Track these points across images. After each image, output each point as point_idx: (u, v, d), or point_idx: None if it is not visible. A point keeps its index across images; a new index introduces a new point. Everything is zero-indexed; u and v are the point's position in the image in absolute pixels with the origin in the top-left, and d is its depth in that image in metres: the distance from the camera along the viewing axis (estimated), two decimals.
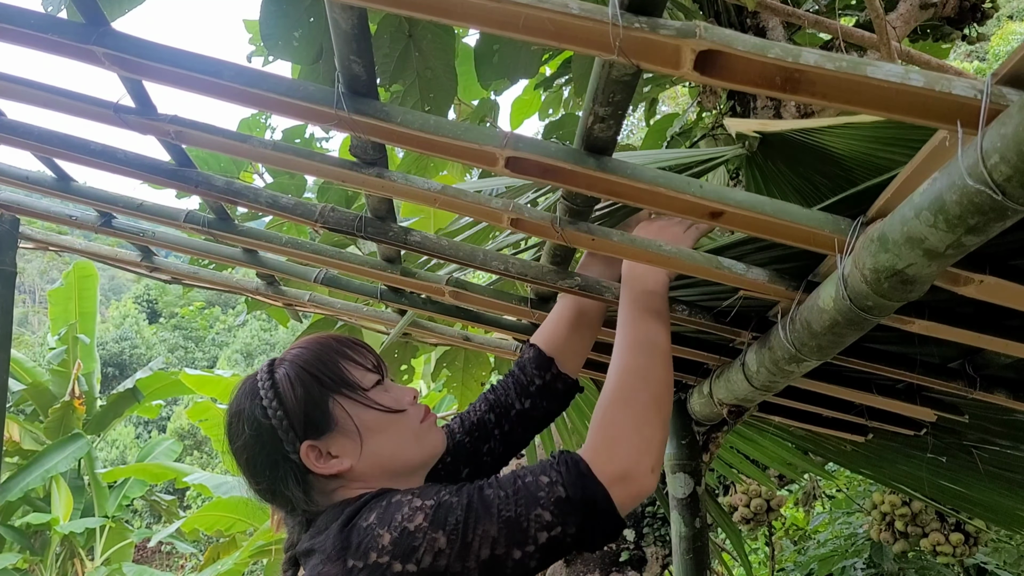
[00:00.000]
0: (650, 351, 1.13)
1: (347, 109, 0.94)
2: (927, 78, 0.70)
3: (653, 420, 1.05)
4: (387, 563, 0.89)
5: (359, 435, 1.09)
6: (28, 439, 11.38)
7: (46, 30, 0.92)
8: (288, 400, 1.07)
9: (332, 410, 1.09)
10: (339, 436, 1.08)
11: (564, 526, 0.94)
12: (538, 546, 0.92)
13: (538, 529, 0.92)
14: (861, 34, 3.17)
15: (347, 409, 1.10)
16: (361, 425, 1.10)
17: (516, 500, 0.94)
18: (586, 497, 0.95)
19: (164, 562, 18.82)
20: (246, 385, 1.12)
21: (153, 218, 1.57)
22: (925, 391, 1.54)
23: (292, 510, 1.09)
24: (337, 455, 1.08)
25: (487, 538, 0.91)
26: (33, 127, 1.27)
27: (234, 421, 1.10)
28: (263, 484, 1.09)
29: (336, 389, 1.10)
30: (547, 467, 0.98)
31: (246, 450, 1.08)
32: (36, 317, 32.90)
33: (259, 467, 1.08)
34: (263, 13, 2.19)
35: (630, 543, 4.08)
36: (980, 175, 0.67)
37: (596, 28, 0.72)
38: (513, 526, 0.92)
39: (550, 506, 0.94)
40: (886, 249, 0.84)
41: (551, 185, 1.07)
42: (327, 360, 1.12)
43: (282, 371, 1.10)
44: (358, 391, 1.12)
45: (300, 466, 1.06)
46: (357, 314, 2.15)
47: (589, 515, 0.95)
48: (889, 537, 3.85)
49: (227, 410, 1.13)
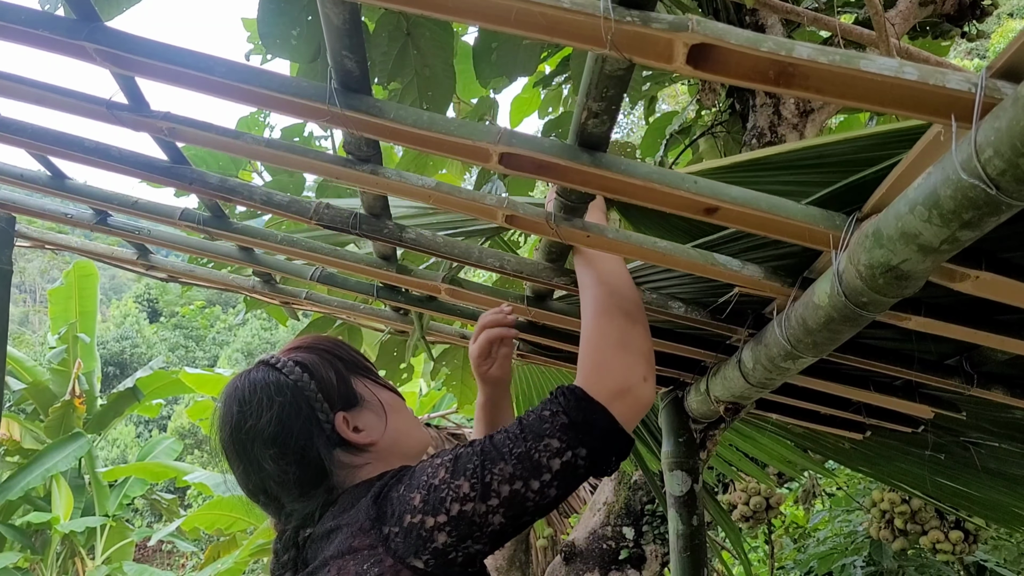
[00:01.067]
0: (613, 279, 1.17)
1: (339, 105, 0.93)
2: (921, 72, 0.69)
3: (633, 333, 1.09)
4: (420, 521, 0.92)
5: (384, 411, 1.15)
6: (29, 438, 11.38)
7: (37, 26, 0.91)
8: (320, 373, 1.12)
9: (357, 387, 1.15)
10: (366, 411, 1.14)
11: (574, 450, 0.97)
12: (553, 473, 0.95)
13: (550, 457, 0.96)
14: (860, 31, 3.17)
15: (370, 388, 1.17)
16: (384, 402, 1.17)
17: (524, 437, 0.97)
18: (588, 418, 0.99)
19: (165, 561, 18.83)
20: (258, 370, 1.12)
21: (149, 216, 1.57)
22: (922, 388, 1.54)
23: (311, 488, 1.07)
24: (364, 429, 1.12)
25: (504, 475, 0.94)
26: (27, 124, 1.26)
27: (254, 400, 1.08)
28: (291, 458, 1.06)
29: (356, 371, 1.17)
30: (547, 403, 1.01)
31: (275, 422, 1.06)
32: (37, 316, 32.92)
33: (292, 438, 1.06)
34: (261, 11, 2.18)
35: (629, 541, 4.08)
36: (974, 169, 0.66)
37: (588, 22, 0.72)
38: (525, 460, 0.95)
39: (556, 433, 0.97)
40: (881, 245, 0.83)
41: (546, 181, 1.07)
42: (344, 348, 1.20)
43: (300, 355, 1.14)
44: (374, 374, 1.20)
45: (332, 436, 1.08)
46: (354, 311, 2.15)
47: (596, 436, 0.99)
48: (889, 535, 3.85)
49: (235, 396, 1.10)
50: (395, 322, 2.19)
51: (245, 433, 1.07)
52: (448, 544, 0.92)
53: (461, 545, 0.92)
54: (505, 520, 0.94)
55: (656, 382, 1.80)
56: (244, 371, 1.14)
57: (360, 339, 3.68)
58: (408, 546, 0.91)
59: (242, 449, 1.08)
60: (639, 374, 1.05)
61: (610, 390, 1.02)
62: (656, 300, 1.36)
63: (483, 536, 0.93)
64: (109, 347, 25.31)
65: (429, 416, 7.94)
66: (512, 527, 0.95)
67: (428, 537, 0.91)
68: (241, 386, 1.11)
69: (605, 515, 4.08)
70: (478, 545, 0.93)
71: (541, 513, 0.97)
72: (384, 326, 2.52)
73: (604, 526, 4.05)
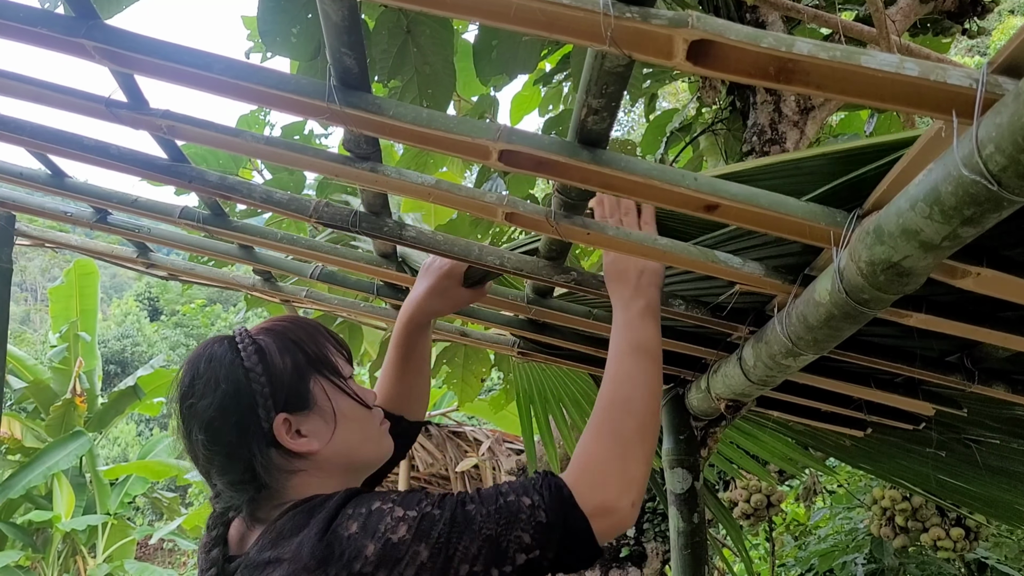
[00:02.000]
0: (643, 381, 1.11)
1: (339, 102, 0.93)
2: (922, 67, 0.69)
3: (638, 455, 1.04)
4: (370, 572, 0.88)
5: (334, 420, 1.07)
6: (30, 437, 11.39)
7: (35, 23, 0.91)
8: (274, 366, 1.04)
9: (312, 389, 1.07)
10: (315, 416, 1.06)
11: (543, 550, 0.94)
12: (515, 567, 0.92)
13: (517, 550, 0.92)
14: (861, 28, 3.16)
15: (327, 391, 1.08)
16: (338, 410, 1.08)
17: (498, 519, 0.93)
18: (567, 525, 0.95)
19: (166, 559, 18.86)
20: (219, 345, 1.07)
21: (148, 214, 1.56)
22: (923, 385, 1.53)
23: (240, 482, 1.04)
24: (307, 435, 1.05)
25: (467, 555, 0.90)
26: (25, 122, 1.26)
27: (202, 379, 1.04)
28: (218, 450, 1.03)
29: (319, 370, 1.08)
30: (530, 488, 0.97)
31: (212, 409, 1.02)
32: (37, 315, 32.95)
33: (224, 430, 1.02)
34: (261, 9, 2.18)
35: (630, 539, 4.08)
36: (975, 165, 0.66)
37: (587, 18, 0.72)
38: (493, 545, 0.91)
39: (530, 529, 0.93)
40: (882, 241, 0.83)
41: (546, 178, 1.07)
42: (316, 338, 1.11)
43: (265, 338, 1.07)
44: (339, 377, 1.11)
45: (269, 437, 1.02)
46: (354, 310, 2.15)
47: (568, 542, 0.95)
48: (889, 532, 3.85)
49: (188, 366, 1.07)
50: (395, 320, 2.19)
51: (187, 408, 1.04)
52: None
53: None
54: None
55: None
56: (215, 339, 1.10)
57: (361, 337, 3.69)
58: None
59: (182, 420, 1.05)
60: (630, 499, 1.01)
61: (597, 505, 0.98)
62: None
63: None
64: (110, 345, 25.34)
65: (430, 414, 7.94)
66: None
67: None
68: (200, 356, 1.07)
69: None
70: None
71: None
72: (384, 324, 2.52)
73: None
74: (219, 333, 1.15)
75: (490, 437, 7.20)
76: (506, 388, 4.15)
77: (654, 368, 1.14)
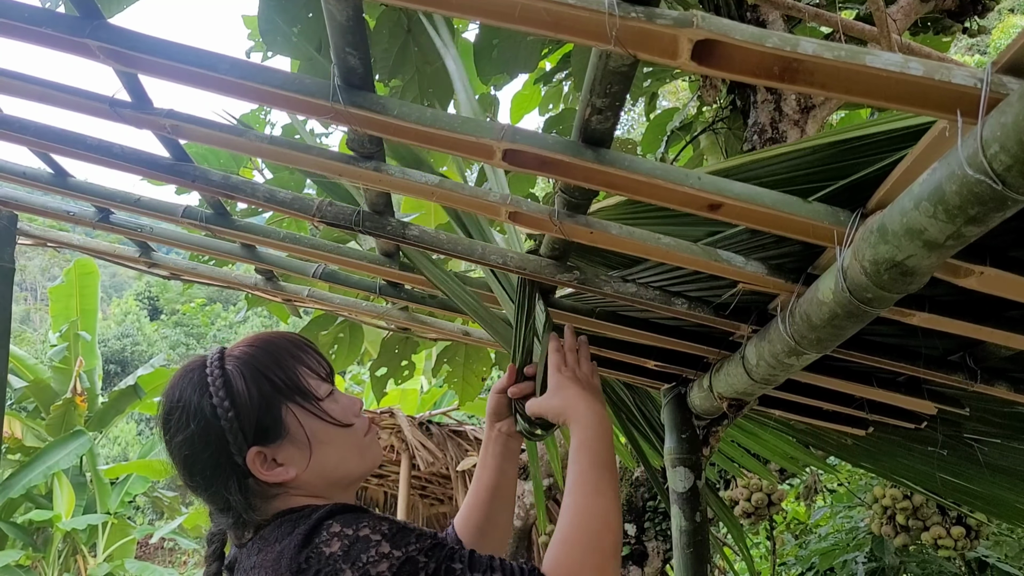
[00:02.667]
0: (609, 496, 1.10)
1: (343, 102, 0.93)
2: (926, 67, 0.69)
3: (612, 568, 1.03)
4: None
5: (309, 446, 1.07)
6: (30, 436, 11.39)
7: (40, 23, 0.91)
8: (241, 402, 1.04)
9: (284, 418, 1.06)
10: (288, 445, 1.06)
11: None
12: None
13: None
14: (862, 27, 3.16)
15: (299, 418, 1.07)
16: (312, 436, 1.07)
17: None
18: None
19: (166, 558, 18.85)
20: (192, 375, 1.07)
21: (151, 214, 1.57)
22: (925, 384, 1.53)
23: (225, 509, 1.06)
24: (283, 463, 1.05)
25: None
26: (29, 122, 1.26)
27: (175, 414, 1.05)
28: (198, 482, 1.05)
29: (291, 397, 1.07)
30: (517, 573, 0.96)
31: (186, 446, 1.03)
32: (38, 314, 32.95)
33: (198, 466, 1.04)
34: (262, 8, 2.18)
35: (631, 538, 4.08)
36: (980, 165, 0.66)
37: (592, 18, 0.72)
38: None
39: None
40: (885, 240, 0.83)
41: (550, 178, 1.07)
42: (284, 364, 1.09)
43: (235, 368, 1.06)
44: (312, 401, 1.09)
45: (243, 470, 1.03)
46: (356, 309, 2.15)
47: None
48: (890, 531, 3.85)
49: (165, 398, 1.07)
50: (396, 319, 2.19)
51: (164, 440, 1.06)
52: None
53: None
54: None
55: (659, 378, 1.81)
56: (190, 365, 1.10)
57: (361, 337, 3.68)
58: None
59: (166, 450, 1.07)
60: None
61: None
62: (660, 297, 1.36)
63: None
64: (110, 345, 25.35)
65: (431, 413, 7.95)
66: None
67: None
68: (174, 387, 1.07)
69: None
70: None
71: None
72: (385, 323, 2.52)
73: None
74: (197, 354, 1.16)
75: None
76: None
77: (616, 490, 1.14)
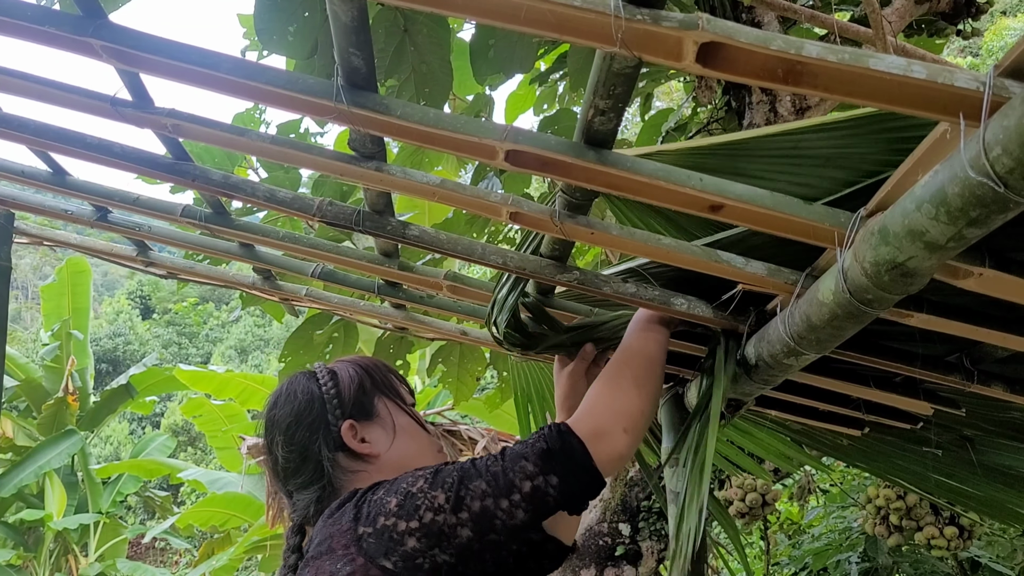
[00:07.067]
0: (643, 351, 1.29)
1: (346, 102, 0.93)
2: (929, 70, 0.70)
3: (630, 392, 1.19)
4: (393, 524, 0.97)
5: (394, 431, 1.23)
6: (21, 435, 11.33)
7: (43, 22, 0.91)
8: (343, 383, 1.23)
9: (377, 404, 1.25)
10: (377, 426, 1.22)
11: (546, 476, 1.02)
12: (523, 495, 1.00)
13: (522, 479, 1.01)
14: (857, 29, 3.17)
15: (389, 408, 1.26)
16: (397, 424, 1.24)
17: (503, 460, 1.04)
18: (564, 448, 1.05)
19: (158, 558, 18.77)
20: (303, 373, 1.27)
21: (149, 213, 1.56)
22: (922, 384, 1.54)
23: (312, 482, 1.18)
24: (370, 442, 1.20)
25: (477, 492, 0.99)
26: (28, 120, 1.26)
27: (282, 397, 1.23)
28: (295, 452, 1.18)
29: (384, 391, 1.27)
30: (534, 434, 1.09)
31: (291, 415, 1.20)
32: (29, 313, 32.79)
33: (300, 433, 1.19)
34: (258, 7, 2.18)
35: (625, 537, 4.09)
36: (982, 167, 0.67)
37: (598, 20, 0.72)
38: (500, 478, 1.01)
39: (532, 457, 1.03)
40: (887, 242, 0.84)
41: (551, 178, 1.07)
42: (382, 369, 1.31)
43: (339, 365, 1.27)
44: (400, 399, 1.28)
45: (337, 441, 1.18)
46: (354, 309, 2.15)
47: (569, 467, 1.04)
48: (884, 531, 3.86)
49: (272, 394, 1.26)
50: (393, 318, 2.19)
51: (269, 420, 1.23)
52: (416, 549, 0.96)
53: (429, 552, 0.96)
54: (472, 535, 0.97)
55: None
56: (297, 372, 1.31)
57: (356, 336, 3.68)
58: (379, 547, 0.96)
59: (266, 433, 1.23)
60: (621, 424, 1.13)
61: (590, 428, 1.10)
62: (659, 297, 1.36)
63: (450, 547, 0.97)
64: (102, 344, 25.23)
65: (425, 413, 7.94)
66: (480, 544, 0.98)
67: (399, 540, 0.96)
68: (284, 385, 1.27)
69: (601, 511, 4.09)
70: (444, 555, 0.96)
71: (510, 535, 0.99)
72: (379, 322, 2.51)
73: (600, 522, 4.06)
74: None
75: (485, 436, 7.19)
76: (501, 387, 4.15)
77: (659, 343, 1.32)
